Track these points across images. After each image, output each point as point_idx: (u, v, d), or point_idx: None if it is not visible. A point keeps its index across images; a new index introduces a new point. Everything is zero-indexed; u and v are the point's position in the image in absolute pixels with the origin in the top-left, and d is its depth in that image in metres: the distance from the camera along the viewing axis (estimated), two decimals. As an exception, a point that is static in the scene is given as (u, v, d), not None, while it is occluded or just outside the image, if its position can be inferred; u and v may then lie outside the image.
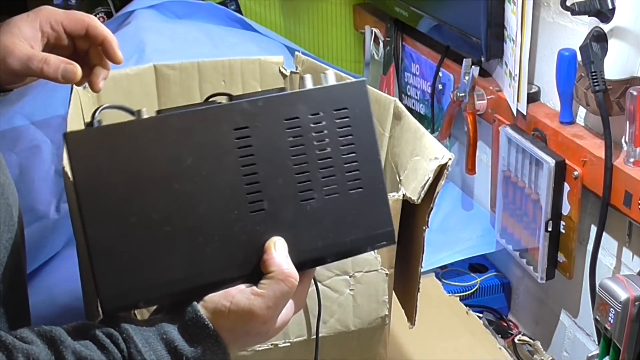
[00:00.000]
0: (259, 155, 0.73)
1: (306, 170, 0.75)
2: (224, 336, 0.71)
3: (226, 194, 0.72)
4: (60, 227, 1.45)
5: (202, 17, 1.88)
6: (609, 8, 1.16)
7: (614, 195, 1.22)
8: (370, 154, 0.77)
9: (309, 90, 0.76)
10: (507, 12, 1.43)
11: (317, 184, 0.75)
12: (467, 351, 1.44)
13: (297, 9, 2.22)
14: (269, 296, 0.71)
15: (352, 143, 0.76)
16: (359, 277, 1.02)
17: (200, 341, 0.70)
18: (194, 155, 0.72)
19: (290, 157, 0.74)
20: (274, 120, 0.74)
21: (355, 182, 0.76)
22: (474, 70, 1.54)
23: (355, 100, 0.77)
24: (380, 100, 1.19)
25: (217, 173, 0.72)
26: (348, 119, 0.77)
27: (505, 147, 1.47)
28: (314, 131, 0.75)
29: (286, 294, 0.72)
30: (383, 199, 0.78)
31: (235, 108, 0.73)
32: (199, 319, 0.70)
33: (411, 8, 1.79)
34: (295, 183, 0.74)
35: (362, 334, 1.06)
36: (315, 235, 0.75)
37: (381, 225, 0.77)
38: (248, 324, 0.72)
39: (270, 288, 0.71)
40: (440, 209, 1.75)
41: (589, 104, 1.24)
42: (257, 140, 0.73)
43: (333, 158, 0.76)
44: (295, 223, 0.74)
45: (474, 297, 1.65)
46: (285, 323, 0.75)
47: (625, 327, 1.14)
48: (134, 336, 0.68)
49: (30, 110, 1.52)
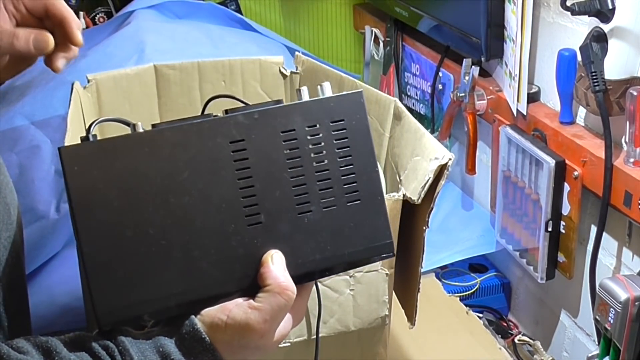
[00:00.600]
0: (256, 168, 0.73)
1: (303, 183, 0.74)
2: (221, 350, 0.70)
3: (223, 207, 0.72)
4: (60, 227, 1.45)
5: (202, 17, 1.88)
6: (609, 8, 1.16)
7: (614, 195, 1.22)
8: (368, 165, 0.77)
9: (305, 102, 0.76)
10: (507, 12, 1.43)
11: (315, 197, 0.74)
12: (467, 351, 1.44)
13: (297, 9, 2.22)
14: (266, 310, 0.71)
15: (350, 155, 0.76)
16: (359, 277, 1.02)
17: (196, 355, 0.69)
18: (189, 169, 0.71)
19: (287, 170, 0.74)
20: (270, 132, 0.74)
21: (353, 194, 0.76)
22: (474, 70, 1.54)
23: (352, 112, 0.77)
24: (380, 100, 1.19)
25: (213, 186, 0.72)
26: (345, 130, 0.76)
27: (505, 147, 1.47)
28: (310, 143, 0.75)
29: (283, 307, 0.72)
30: (381, 210, 0.77)
31: (231, 121, 0.73)
32: (195, 333, 0.70)
33: (411, 8, 1.79)
34: (292, 196, 0.74)
35: (362, 334, 1.06)
36: (313, 248, 0.74)
37: (380, 237, 0.77)
38: (245, 338, 0.71)
39: (267, 301, 0.71)
40: (440, 209, 1.75)
41: (589, 104, 1.24)
42: (254, 153, 0.73)
43: (330, 170, 0.75)
44: (293, 236, 0.74)
45: (474, 297, 1.65)
46: (284, 337, 0.75)
47: (625, 327, 1.14)
48: (130, 348, 0.67)
49: (30, 110, 1.52)
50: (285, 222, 0.74)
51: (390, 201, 1.01)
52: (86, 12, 2.13)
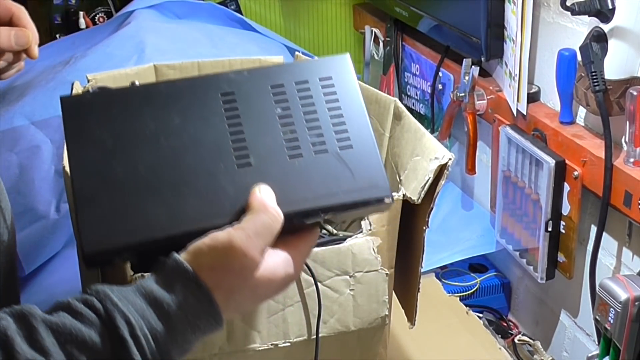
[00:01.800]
0: (245, 116, 0.75)
1: (293, 130, 0.75)
2: (205, 278, 0.66)
3: (213, 149, 0.73)
4: (60, 227, 1.45)
5: (202, 17, 1.88)
6: (609, 8, 1.16)
7: (614, 195, 1.22)
8: (359, 117, 0.77)
9: (293, 63, 0.79)
10: (507, 12, 1.43)
11: (305, 143, 0.75)
12: (467, 351, 1.44)
13: (297, 9, 2.22)
14: (249, 227, 0.68)
15: (340, 107, 0.77)
16: (359, 277, 1.02)
17: (179, 286, 0.66)
18: (181, 116, 0.74)
19: (276, 118, 0.75)
20: (260, 86, 0.77)
21: (345, 142, 0.76)
22: (474, 70, 1.54)
23: (340, 71, 0.79)
24: (380, 100, 1.19)
25: (204, 131, 0.74)
26: (334, 87, 0.78)
27: (505, 147, 1.47)
28: (299, 96, 0.77)
29: (267, 226, 0.69)
30: (375, 157, 0.76)
31: (222, 77, 0.77)
32: (177, 264, 0.67)
33: (411, 8, 1.79)
34: (282, 141, 0.74)
35: (362, 334, 1.06)
36: (305, 188, 0.73)
37: (375, 181, 0.75)
38: (228, 257, 0.67)
39: (250, 220, 0.69)
40: (440, 209, 1.75)
41: (589, 104, 1.24)
42: (243, 103, 0.76)
43: (321, 120, 0.76)
44: (283, 177, 0.73)
45: (474, 297, 1.65)
46: (281, 279, 0.71)
47: (625, 327, 1.14)
48: (110, 293, 0.65)
49: (30, 110, 1.52)
50: (276, 165, 0.74)
51: (390, 201, 1.01)
52: (86, 12, 2.13)
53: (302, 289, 1.00)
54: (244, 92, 0.76)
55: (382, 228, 1.01)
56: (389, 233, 1.02)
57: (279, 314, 0.99)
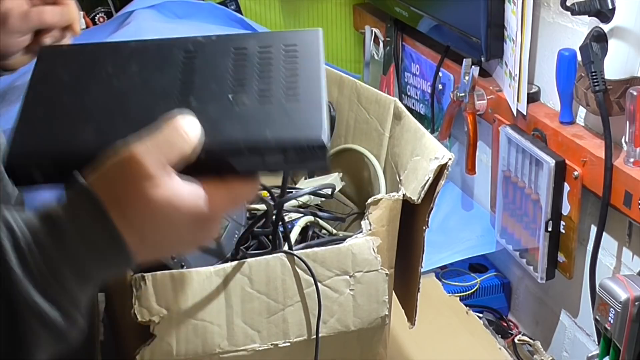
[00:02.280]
0: (201, 69, 0.78)
1: (243, 83, 0.76)
2: (101, 192, 0.65)
3: (159, 91, 0.76)
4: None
5: (202, 17, 1.88)
6: (609, 8, 1.16)
7: (614, 195, 1.22)
8: (315, 79, 0.77)
9: (263, 32, 0.79)
10: (507, 12, 1.43)
11: (252, 93, 0.75)
12: (467, 351, 1.44)
13: (297, 9, 2.22)
14: (150, 141, 0.66)
15: (296, 69, 0.78)
16: (359, 277, 1.02)
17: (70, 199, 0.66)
18: (140, 65, 0.78)
19: (229, 72, 0.77)
20: (223, 48, 0.79)
21: (293, 97, 0.75)
22: (474, 70, 1.54)
23: (307, 41, 0.80)
24: (380, 100, 1.19)
25: (157, 78, 0.77)
26: (296, 52, 0.79)
27: (505, 147, 1.47)
28: (259, 57, 0.79)
29: (171, 141, 0.67)
30: (319, 111, 0.74)
31: (190, 39, 0.80)
32: (73, 179, 0.66)
33: (411, 8, 1.79)
34: (228, 89, 0.76)
35: (362, 334, 1.06)
36: (237, 129, 0.72)
37: (310, 126, 0.73)
38: (125, 171, 0.65)
39: (154, 135, 0.67)
40: (440, 209, 1.75)
41: (589, 104, 1.24)
42: (202, 60, 0.78)
43: (273, 77, 0.77)
44: (219, 117, 0.73)
45: (474, 297, 1.65)
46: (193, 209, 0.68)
47: (625, 327, 1.14)
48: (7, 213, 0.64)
49: (30, 110, 1.51)
50: (215, 107, 0.74)
51: (390, 201, 1.01)
52: (86, 12, 2.13)
53: (302, 289, 1.00)
54: (207, 52, 0.79)
55: (382, 228, 1.01)
56: (389, 233, 1.02)
57: (279, 314, 0.99)
